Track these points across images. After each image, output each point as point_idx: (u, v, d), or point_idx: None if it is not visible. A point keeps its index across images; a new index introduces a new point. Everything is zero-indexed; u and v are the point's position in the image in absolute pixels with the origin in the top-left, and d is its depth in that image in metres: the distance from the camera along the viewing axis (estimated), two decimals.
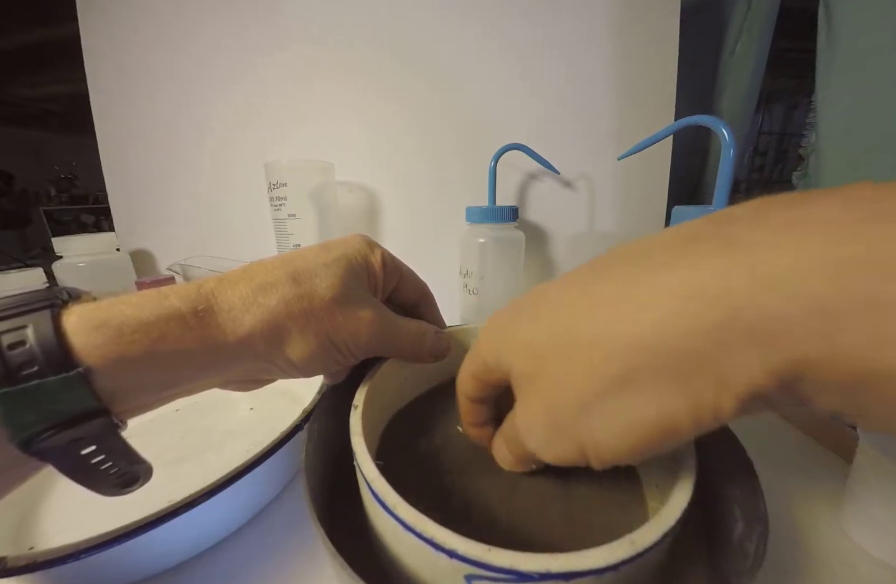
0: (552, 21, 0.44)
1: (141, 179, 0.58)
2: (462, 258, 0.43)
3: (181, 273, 0.51)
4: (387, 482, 0.14)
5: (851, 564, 0.20)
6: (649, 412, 0.11)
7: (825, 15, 0.35)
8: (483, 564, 0.11)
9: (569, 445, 0.13)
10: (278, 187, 0.42)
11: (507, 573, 0.11)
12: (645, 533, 0.12)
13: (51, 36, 0.76)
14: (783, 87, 0.69)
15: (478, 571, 0.11)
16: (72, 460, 0.13)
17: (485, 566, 0.11)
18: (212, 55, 0.51)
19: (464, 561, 0.11)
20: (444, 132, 0.49)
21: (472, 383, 0.17)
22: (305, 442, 0.18)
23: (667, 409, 0.11)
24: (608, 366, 0.12)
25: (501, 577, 0.11)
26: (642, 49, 0.43)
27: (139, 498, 0.16)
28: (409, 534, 0.12)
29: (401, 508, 0.13)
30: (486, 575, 0.11)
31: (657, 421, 0.11)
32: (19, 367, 0.12)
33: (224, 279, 0.16)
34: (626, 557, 0.11)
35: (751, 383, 0.10)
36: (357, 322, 0.17)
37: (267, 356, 0.16)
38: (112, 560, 0.18)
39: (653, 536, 0.12)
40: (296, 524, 0.23)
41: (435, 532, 0.12)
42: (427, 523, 0.12)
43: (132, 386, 0.14)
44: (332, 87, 0.50)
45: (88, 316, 0.13)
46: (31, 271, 0.46)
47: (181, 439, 0.30)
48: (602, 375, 0.12)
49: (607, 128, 0.45)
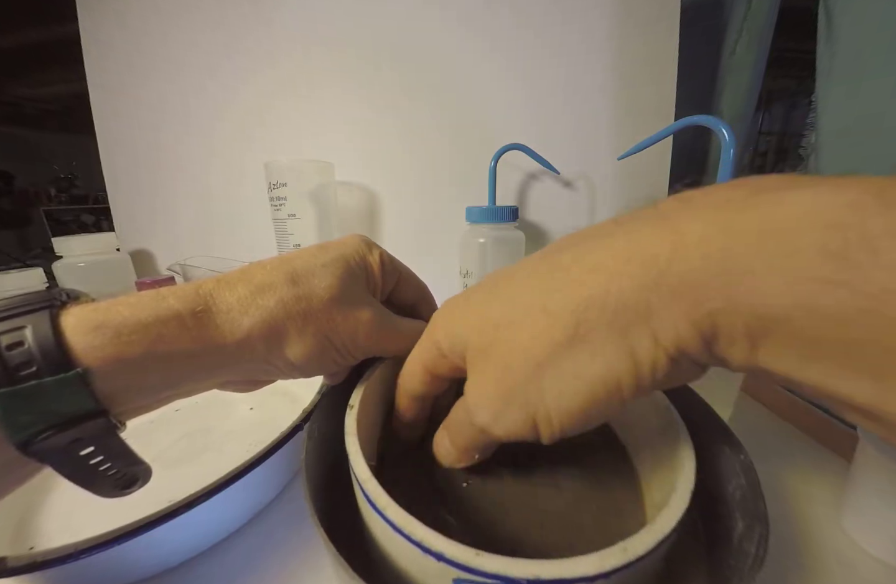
0: (552, 21, 0.44)
1: (141, 179, 0.58)
2: (462, 258, 0.43)
3: (181, 273, 0.51)
4: (378, 484, 0.14)
5: (851, 564, 0.20)
6: (595, 368, 0.12)
7: (825, 15, 0.35)
8: (471, 568, 0.11)
9: (518, 413, 0.13)
10: (278, 187, 0.42)
11: (495, 579, 0.11)
12: (638, 541, 0.12)
13: (51, 36, 0.76)
14: (783, 87, 0.69)
15: (466, 575, 0.11)
16: (70, 461, 0.13)
17: (472, 571, 0.11)
18: (213, 55, 0.51)
19: (451, 565, 0.11)
20: (445, 132, 0.49)
21: (422, 376, 0.17)
22: (305, 442, 0.18)
23: (611, 364, 0.11)
24: (560, 324, 0.12)
25: (489, 582, 0.11)
26: (642, 49, 0.43)
27: (139, 498, 0.16)
28: (398, 536, 0.12)
29: (391, 509, 0.13)
30: (473, 580, 0.11)
31: (603, 377, 0.12)
32: (18, 367, 0.12)
33: (222, 280, 0.16)
34: (617, 565, 0.11)
35: (677, 338, 0.11)
36: (356, 323, 0.17)
37: (266, 357, 0.16)
38: (112, 560, 0.18)
39: (646, 544, 0.12)
40: (296, 524, 0.23)
41: (423, 535, 0.12)
42: (416, 525, 0.12)
43: (131, 387, 0.14)
44: (333, 89, 0.50)
45: (87, 317, 0.13)
46: (31, 271, 0.46)
47: (181, 439, 0.30)
48: (554, 333, 0.12)
49: (607, 128, 0.45)
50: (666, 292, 0.11)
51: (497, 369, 0.14)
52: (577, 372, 0.12)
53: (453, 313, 0.16)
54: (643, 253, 0.11)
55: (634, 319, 0.11)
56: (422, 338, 0.17)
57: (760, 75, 0.49)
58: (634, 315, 0.11)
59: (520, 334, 0.13)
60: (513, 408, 0.13)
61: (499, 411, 0.14)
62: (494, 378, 0.14)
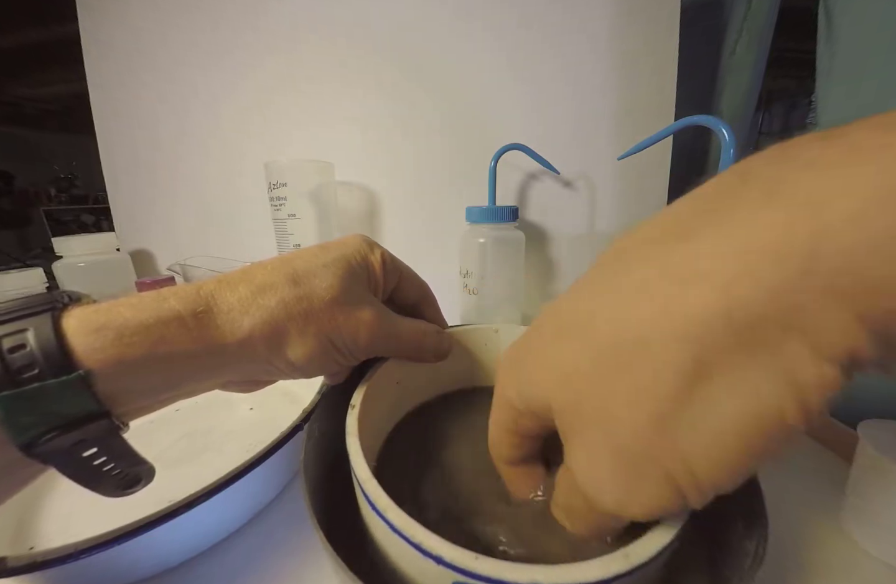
0: (552, 21, 0.43)
1: (141, 179, 0.58)
2: (462, 258, 0.43)
3: (181, 273, 0.51)
4: (378, 484, 0.14)
5: (851, 564, 0.20)
6: (741, 404, 0.09)
7: (825, 15, 0.35)
8: (470, 572, 0.11)
9: (656, 486, 0.10)
10: (278, 187, 0.42)
11: (494, 583, 0.11)
12: (640, 548, 0.12)
13: (51, 36, 0.76)
14: (783, 87, 0.68)
15: (465, 579, 0.11)
16: (74, 462, 0.13)
17: (471, 575, 0.11)
18: (213, 55, 0.51)
19: (450, 568, 0.11)
20: (444, 132, 0.49)
21: (508, 440, 0.15)
22: (305, 442, 0.18)
23: (763, 394, 0.09)
24: (672, 360, 0.09)
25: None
26: (642, 49, 0.43)
27: (139, 498, 0.16)
28: (397, 537, 0.12)
29: (391, 511, 0.13)
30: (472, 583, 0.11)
31: (756, 413, 0.09)
32: (20, 370, 0.12)
33: (223, 281, 0.16)
34: (619, 572, 0.11)
35: (847, 342, 0.08)
36: (357, 323, 0.17)
37: (267, 358, 0.16)
38: (112, 560, 0.18)
39: (648, 551, 0.11)
40: (296, 524, 0.23)
41: (423, 537, 0.12)
42: (416, 527, 0.12)
43: (133, 388, 0.14)
44: (333, 88, 0.49)
45: (88, 319, 0.13)
46: (31, 271, 0.46)
47: (181, 439, 0.30)
48: (668, 373, 0.09)
49: (607, 128, 0.45)
50: (818, 289, 0.08)
51: (605, 434, 0.11)
52: (718, 415, 0.09)
53: (522, 362, 0.13)
54: (769, 244, 0.08)
55: (779, 330, 0.09)
56: (494, 397, 0.15)
57: (760, 75, 0.49)
58: (777, 326, 0.09)
59: (618, 384, 0.10)
60: (646, 477, 0.10)
61: (629, 490, 0.11)
62: (607, 448, 0.11)
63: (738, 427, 0.09)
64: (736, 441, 0.09)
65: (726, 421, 0.09)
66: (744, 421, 0.09)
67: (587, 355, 0.11)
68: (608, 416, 0.10)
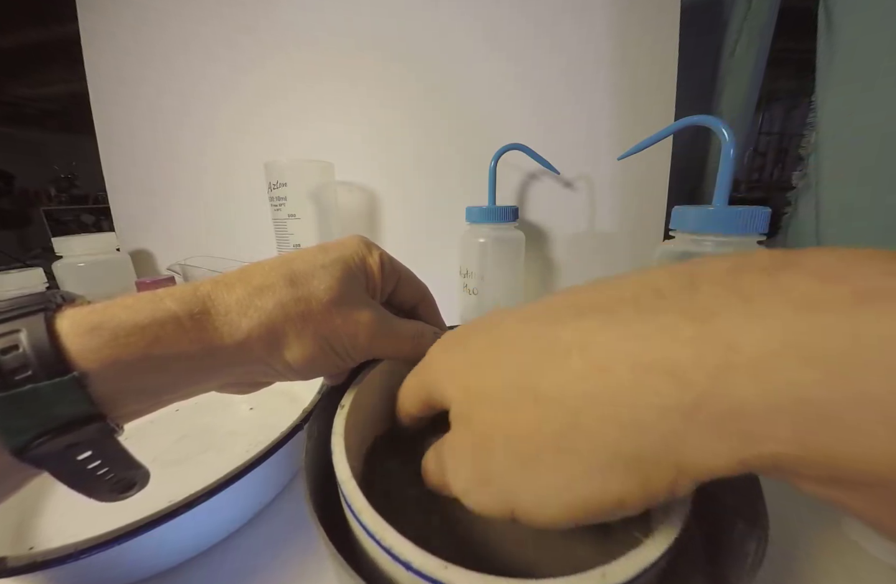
0: (552, 21, 0.44)
1: (141, 179, 0.58)
2: (462, 258, 0.43)
3: (181, 273, 0.51)
4: (356, 486, 0.14)
5: (851, 564, 0.20)
6: (591, 487, 0.10)
7: (825, 15, 0.35)
8: (437, 581, 0.11)
9: (493, 500, 0.12)
10: (278, 187, 0.42)
11: None
12: (619, 568, 0.11)
13: (51, 36, 0.76)
14: (783, 87, 0.68)
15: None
16: (67, 466, 0.13)
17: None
18: (213, 55, 0.51)
19: (419, 575, 0.11)
20: (444, 132, 0.49)
21: (412, 401, 0.17)
22: (305, 442, 0.18)
23: (612, 487, 0.10)
24: (551, 422, 0.11)
25: None
26: (642, 49, 0.43)
27: (139, 498, 0.16)
28: (370, 540, 0.12)
29: (365, 513, 0.13)
30: None
31: (600, 498, 0.10)
32: (13, 371, 0.12)
33: (220, 282, 0.16)
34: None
35: (714, 472, 0.09)
36: (355, 325, 0.17)
37: (264, 360, 0.16)
38: (112, 560, 0.18)
39: (626, 573, 0.11)
40: (296, 524, 0.23)
41: (393, 542, 0.12)
42: (388, 531, 0.12)
43: (128, 390, 0.14)
44: (333, 88, 0.49)
45: (82, 319, 0.13)
46: (31, 271, 0.46)
47: (181, 439, 0.30)
48: (543, 430, 0.11)
49: (607, 128, 0.45)
50: (704, 421, 0.08)
51: (476, 447, 0.13)
52: (568, 484, 0.10)
53: (447, 354, 0.16)
54: (673, 364, 0.09)
55: (652, 442, 0.09)
56: (418, 366, 0.17)
57: (760, 75, 0.49)
58: (653, 439, 0.09)
59: (504, 418, 0.12)
60: (489, 492, 0.12)
61: (472, 489, 0.13)
62: (472, 456, 0.13)
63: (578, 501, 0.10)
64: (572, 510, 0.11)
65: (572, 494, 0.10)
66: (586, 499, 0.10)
67: (490, 383, 0.13)
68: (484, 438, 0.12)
